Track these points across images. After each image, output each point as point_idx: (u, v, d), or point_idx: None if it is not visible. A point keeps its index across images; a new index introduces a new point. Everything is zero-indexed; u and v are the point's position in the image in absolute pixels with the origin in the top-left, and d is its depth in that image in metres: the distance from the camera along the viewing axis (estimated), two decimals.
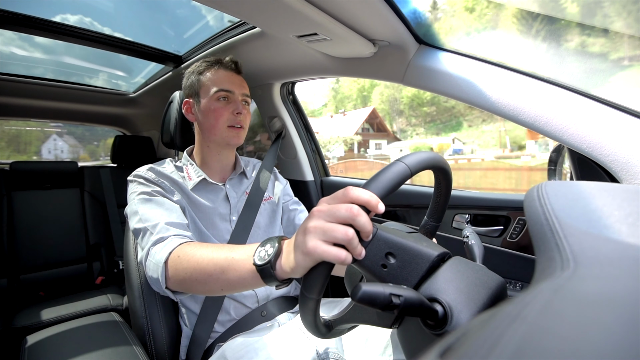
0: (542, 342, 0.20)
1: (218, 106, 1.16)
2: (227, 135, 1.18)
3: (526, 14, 1.12)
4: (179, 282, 0.88)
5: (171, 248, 0.90)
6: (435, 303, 0.55)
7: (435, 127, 40.48)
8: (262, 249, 0.70)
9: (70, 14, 1.86)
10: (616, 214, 0.39)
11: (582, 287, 0.28)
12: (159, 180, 1.12)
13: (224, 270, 0.76)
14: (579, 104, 0.89)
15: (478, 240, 0.78)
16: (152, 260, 0.92)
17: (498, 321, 0.23)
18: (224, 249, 0.80)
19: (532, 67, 0.98)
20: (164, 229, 0.97)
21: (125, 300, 2.24)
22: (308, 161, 1.95)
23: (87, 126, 3.42)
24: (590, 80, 0.94)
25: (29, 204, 2.51)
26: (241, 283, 0.75)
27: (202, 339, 1.10)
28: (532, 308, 0.24)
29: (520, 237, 1.19)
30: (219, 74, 1.19)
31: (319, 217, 0.56)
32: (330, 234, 0.54)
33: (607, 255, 0.33)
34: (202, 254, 0.83)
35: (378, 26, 1.05)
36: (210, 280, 0.80)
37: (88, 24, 1.81)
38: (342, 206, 0.54)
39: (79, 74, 2.77)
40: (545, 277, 0.32)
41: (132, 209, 1.06)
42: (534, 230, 0.42)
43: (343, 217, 0.54)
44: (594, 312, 0.22)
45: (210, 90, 1.17)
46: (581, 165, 0.93)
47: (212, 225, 1.17)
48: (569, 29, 1.08)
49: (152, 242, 0.95)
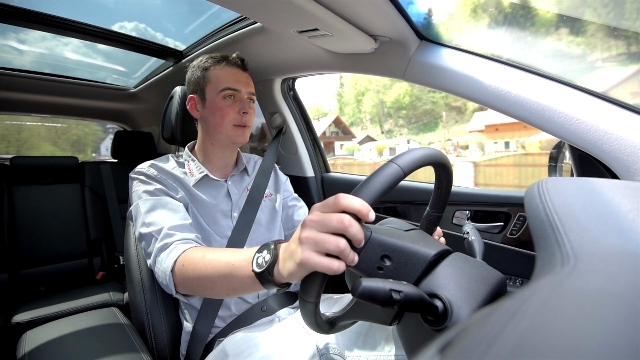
0: (541, 338, 0.20)
1: (224, 105, 1.16)
2: (233, 134, 1.18)
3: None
4: (188, 288, 0.91)
5: (176, 256, 0.92)
6: (435, 299, 0.55)
7: (417, 128, 43.20)
8: (260, 255, 0.70)
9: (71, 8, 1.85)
10: (616, 210, 0.39)
11: (582, 283, 0.28)
12: (161, 177, 1.12)
13: (225, 277, 0.78)
14: (579, 100, 0.89)
15: (478, 237, 0.78)
16: (160, 268, 0.94)
17: (498, 317, 0.23)
18: (224, 255, 0.81)
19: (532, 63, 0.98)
20: (168, 234, 0.98)
21: (125, 295, 2.25)
22: (309, 157, 1.95)
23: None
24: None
25: (29, 199, 2.51)
26: (243, 288, 0.77)
27: (203, 334, 1.10)
28: (531, 304, 0.24)
29: (521, 233, 1.19)
30: (225, 71, 1.18)
31: (311, 228, 0.56)
32: (322, 245, 0.54)
33: (608, 252, 0.33)
34: (205, 262, 0.84)
35: (379, 22, 1.04)
36: (215, 286, 0.82)
37: (89, 18, 1.80)
38: (333, 217, 0.54)
39: (80, 69, 2.76)
40: (545, 273, 0.32)
41: (136, 212, 1.06)
42: (534, 227, 0.42)
43: (334, 227, 0.54)
44: (594, 308, 0.22)
45: (217, 88, 1.16)
46: (582, 161, 0.93)
47: (213, 221, 1.17)
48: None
49: (157, 249, 0.97)
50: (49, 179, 2.63)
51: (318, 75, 1.65)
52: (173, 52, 2.10)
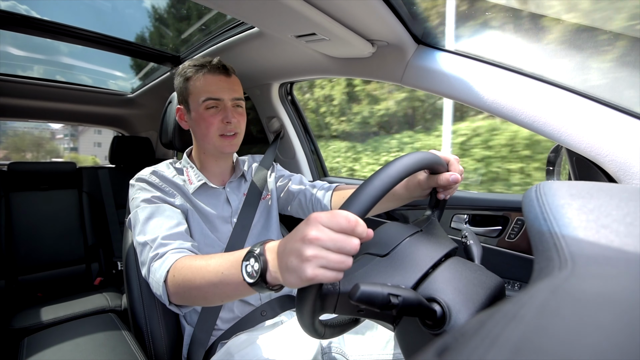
0: (539, 341, 0.20)
1: (207, 115, 1.12)
2: (220, 144, 1.15)
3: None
4: (181, 299, 0.88)
5: (168, 266, 0.89)
6: (434, 303, 0.55)
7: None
8: (247, 263, 0.67)
9: (69, 14, 1.86)
10: (614, 214, 0.39)
11: (580, 287, 0.28)
12: (162, 185, 1.12)
13: (217, 286, 0.76)
14: (577, 104, 0.89)
15: (476, 241, 0.78)
16: (153, 279, 0.92)
17: (496, 321, 0.23)
18: (212, 262, 0.79)
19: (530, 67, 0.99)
20: (162, 244, 0.96)
21: (123, 301, 2.24)
22: (307, 161, 1.95)
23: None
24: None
25: (27, 204, 2.50)
26: (237, 294, 0.76)
27: (204, 337, 1.10)
28: (529, 308, 0.24)
29: (519, 237, 1.19)
30: (206, 80, 1.13)
31: (320, 247, 0.54)
32: (335, 265, 0.53)
33: (605, 255, 0.33)
34: (194, 272, 0.82)
35: (376, 26, 1.04)
36: (208, 295, 0.80)
37: (86, 24, 1.80)
38: (348, 243, 0.53)
39: (77, 74, 2.76)
40: (543, 277, 0.32)
41: (134, 220, 1.05)
42: (532, 230, 0.42)
43: (350, 253, 0.54)
44: (591, 312, 0.22)
45: (199, 99, 1.12)
46: (579, 165, 0.93)
47: (214, 228, 1.17)
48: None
49: (150, 259, 0.95)
50: (47, 184, 2.63)
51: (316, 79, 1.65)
52: (170, 57, 2.10)
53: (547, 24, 1.04)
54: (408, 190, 1.00)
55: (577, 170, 0.95)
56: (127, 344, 1.10)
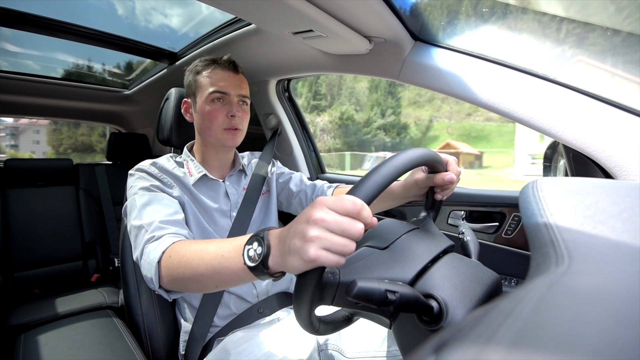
0: (536, 337, 0.20)
1: (212, 108, 1.14)
2: (222, 138, 1.17)
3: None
4: (173, 281, 0.86)
5: (164, 247, 0.88)
6: (431, 299, 0.55)
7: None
8: (250, 247, 0.67)
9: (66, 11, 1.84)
10: (610, 210, 0.39)
11: (577, 283, 0.28)
12: (161, 175, 1.12)
13: (215, 269, 0.74)
14: (573, 100, 0.89)
15: (473, 237, 0.78)
16: (146, 260, 0.90)
17: (493, 317, 0.23)
18: (212, 246, 0.78)
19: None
20: (159, 227, 0.95)
21: (120, 297, 2.24)
22: (304, 158, 1.95)
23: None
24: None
25: (23, 201, 2.49)
26: (234, 280, 0.74)
27: (202, 333, 1.10)
28: (526, 304, 0.24)
29: (516, 233, 1.19)
30: (215, 74, 1.17)
31: (324, 229, 0.54)
32: (338, 249, 0.53)
33: (602, 251, 0.33)
34: (192, 253, 0.80)
35: (373, 23, 1.04)
36: (202, 279, 0.78)
37: (83, 21, 1.79)
38: (353, 227, 0.53)
39: (74, 71, 2.75)
40: (540, 273, 0.32)
41: (131, 206, 1.05)
42: (528, 227, 0.42)
43: (354, 237, 0.53)
44: (588, 308, 0.23)
45: (206, 91, 1.15)
46: (576, 161, 0.93)
47: (213, 221, 1.17)
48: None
49: (145, 241, 0.93)
50: (43, 181, 2.62)
51: (313, 75, 1.65)
52: (167, 53, 2.10)
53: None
54: (405, 189, 1.01)
55: (573, 166, 0.95)
56: (124, 340, 1.10)
